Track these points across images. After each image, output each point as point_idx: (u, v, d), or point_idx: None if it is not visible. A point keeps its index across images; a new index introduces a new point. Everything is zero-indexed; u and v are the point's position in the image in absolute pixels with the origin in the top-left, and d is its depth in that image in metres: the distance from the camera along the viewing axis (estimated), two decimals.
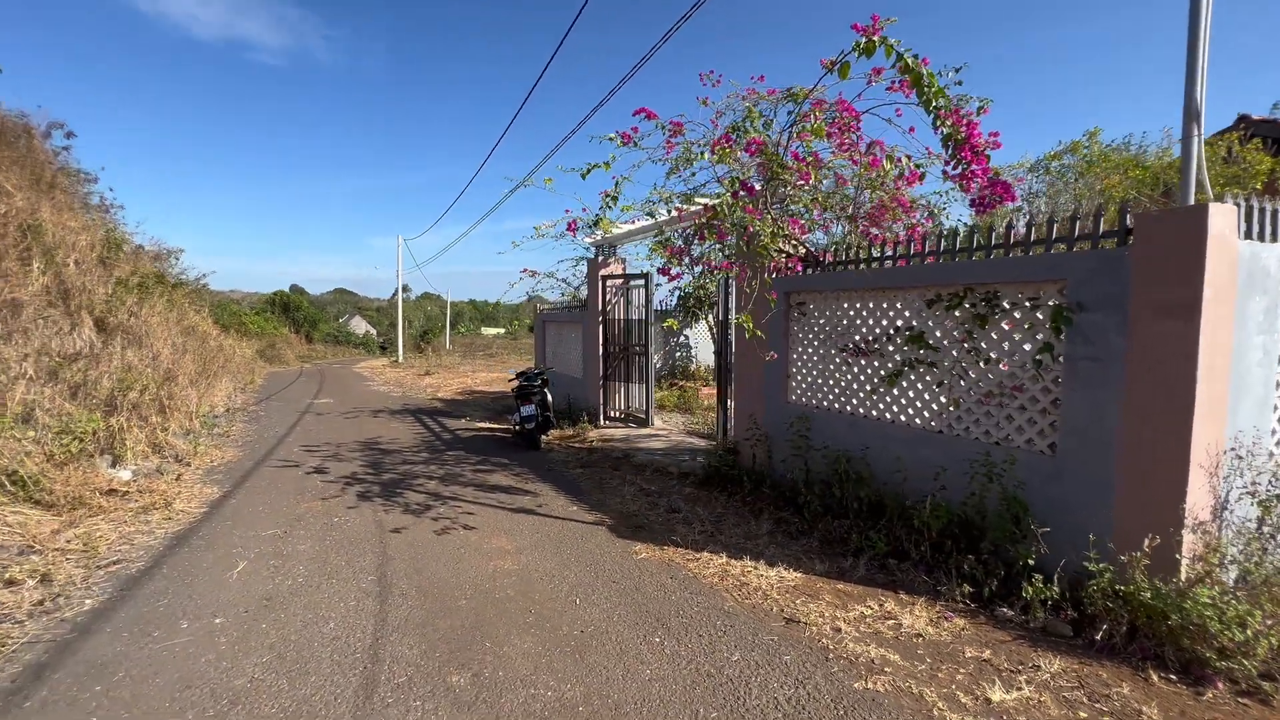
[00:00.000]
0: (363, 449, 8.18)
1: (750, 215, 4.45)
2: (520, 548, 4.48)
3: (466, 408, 12.61)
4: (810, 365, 5.45)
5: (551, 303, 12.03)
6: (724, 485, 5.86)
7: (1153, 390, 3.14)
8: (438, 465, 7.17)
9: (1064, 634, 3.19)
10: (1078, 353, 3.45)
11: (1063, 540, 3.40)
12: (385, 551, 4.36)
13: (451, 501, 5.64)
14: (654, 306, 9.08)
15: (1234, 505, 3.16)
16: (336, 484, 6.27)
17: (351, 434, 9.39)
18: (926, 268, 4.37)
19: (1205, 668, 2.77)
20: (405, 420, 10.95)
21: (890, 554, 4.09)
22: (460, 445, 8.52)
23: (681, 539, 4.60)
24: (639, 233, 8.71)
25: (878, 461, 4.63)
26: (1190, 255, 2.98)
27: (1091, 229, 3.48)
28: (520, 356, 31.51)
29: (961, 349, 4.14)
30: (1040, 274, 3.64)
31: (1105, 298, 3.32)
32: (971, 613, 3.43)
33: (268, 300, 48.70)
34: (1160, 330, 3.10)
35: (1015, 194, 3.64)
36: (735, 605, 3.56)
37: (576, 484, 6.33)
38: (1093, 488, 3.39)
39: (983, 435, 4.03)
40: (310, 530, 4.82)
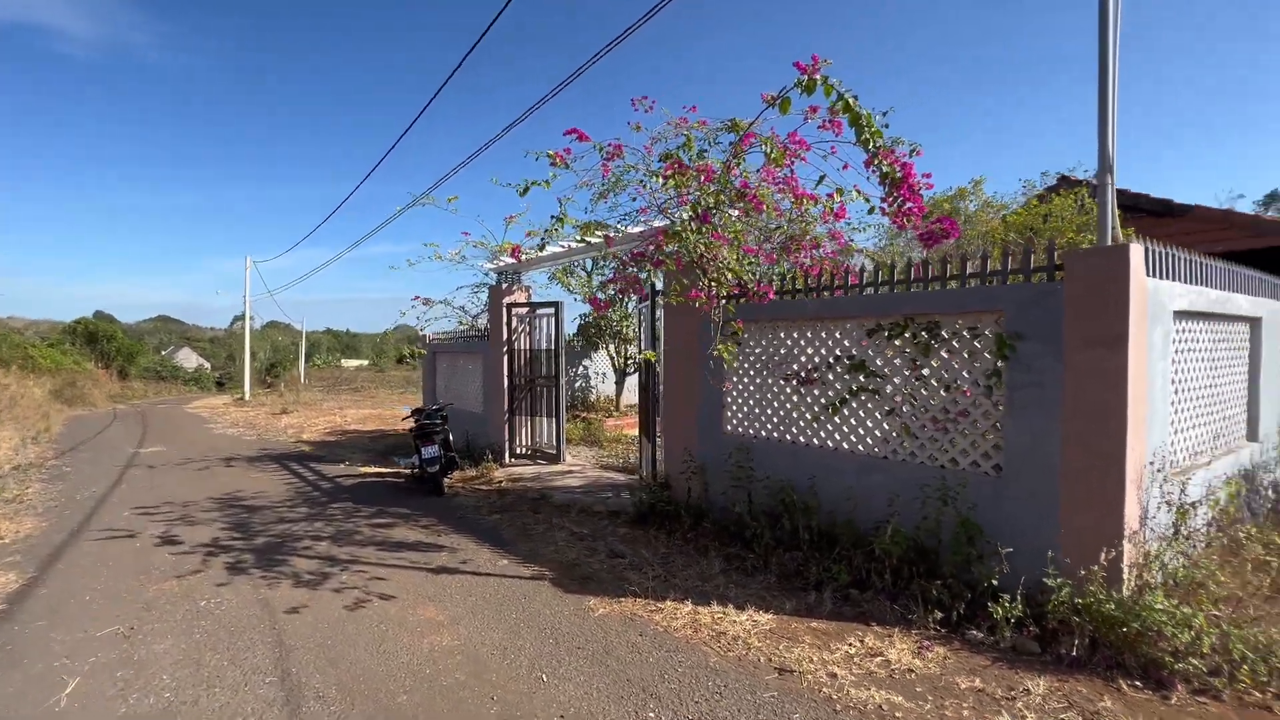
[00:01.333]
0: (220, 507, 6.81)
1: (718, 242, 4.33)
2: (455, 617, 3.84)
3: (343, 450, 11.17)
4: (747, 394, 5.42)
5: (445, 333, 11.14)
6: (661, 523, 5.59)
7: (1088, 413, 3.41)
8: (324, 522, 6.13)
9: (1033, 651, 3.30)
10: (1018, 379, 3.69)
11: (1015, 558, 3.55)
12: (282, 640, 3.51)
13: (354, 566, 4.78)
14: (564, 336, 8.70)
15: (1154, 514, 3.50)
16: (194, 555, 5.08)
17: (200, 489, 7.82)
18: (867, 298, 4.52)
19: (1163, 670, 2.97)
20: (269, 469, 9.40)
21: (851, 584, 4.06)
22: (346, 495, 7.42)
23: (637, 588, 4.23)
24: (548, 259, 8.34)
25: (825, 490, 4.64)
26: (1117, 290, 3.30)
27: (1023, 264, 3.78)
28: (392, 390, 29.10)
29: (904, 376, 4.29)
30: (979, 305, 3.88)
31: (1041, 328, 3.58)
32: (945, 638, 3.45)
33: (66, 330, 40.70)
34: (1093, 358, 3.38)
35: (959, 230, 3.88)
36: (720, 660, 3.27)
37: (497, 532, 5.70)
38: (1038, 506, 3.60)
39: (928, 460, 4.18)
40: (169, 621, 3.77)
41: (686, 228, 4.32)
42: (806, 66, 4.33)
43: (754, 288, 4.77)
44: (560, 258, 8.08)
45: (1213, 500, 3.86)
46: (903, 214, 4.27)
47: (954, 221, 3.81)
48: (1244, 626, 3.06)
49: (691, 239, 4.31)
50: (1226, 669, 2.91)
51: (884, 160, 4.26)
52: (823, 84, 4.32)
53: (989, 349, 3.85)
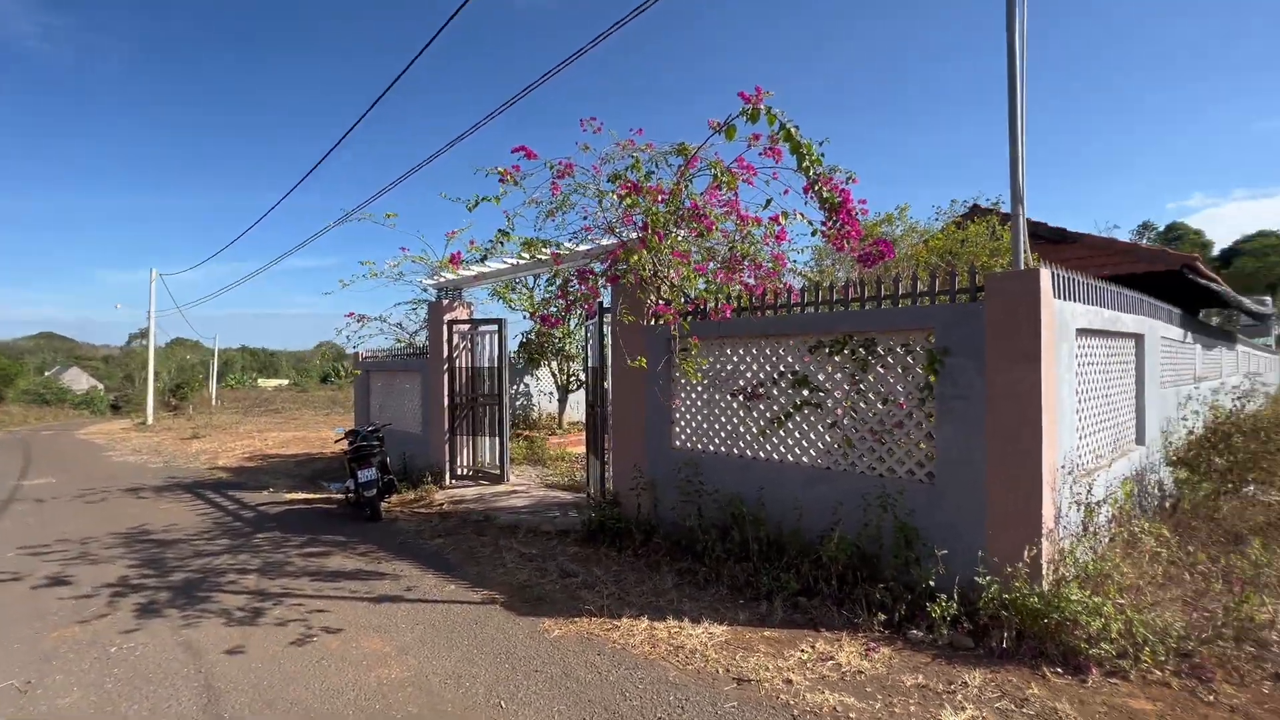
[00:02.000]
0: (126, 543, 6.22)
1: (676, 259, 4.44)
2: (404, 647, 3.68)
3: (265, 476, 10.46)
4: (695, 410, 5.54)
5: (381, 350, 10.72)
6: (612, 540, 5.58)
7: (1008, 423, 3.72)
8: (250, 554, 5.72)
9: (967, 646, 3.53)
10: (947, 392, 3.98)
11: (950, 559, 3.80)
12: (211, 684, 3.24)
13: (287, 600, 4.49)
14: (507, 353, 8.58)
15: (1066, 513, 3.84)
16: (98, 597, 4.61)
17: (101, 524, 7.11)
18: (809, 317, 4.75)
19: (1079, 656, 3.25)
20: (181, 498, 8.67)
21: (800, 592, 4.20)
22: (273, 524, 6.96)
23: (592, 607, 4.20)
24: (492, 275, 8.24)
25: (773, 501, 4.79)
26: (1031, 309, 3.64)
27: (949, 285, 4.10)
28: (317, 412, 27.56)
29: (845, 391, 4.52)
30: (911, 323, 4.17)
31: (966, 344, 3.89)
32: (889, 639, 3.63)
33: None
34: (1011, 371, 3.71)
35: (894, 252, 4.16)
36: (679, 674, 3.31)
37: (442, 557, 5.51)
38: (968, 510, 3.87)
39: (868, 469, 4.41)
40: (73, 672, 3.40)
41: (640, 246, 4.41)
42: (751, 96, 4.56)
43: (712, 305, 4.91)
44: (505, 274, 8.00)
45: (1113, 499, 4.28)
46: (842, 237, 4.55)
47: (890, 244, 4.10)
48: (1144, 612, 3.41)
49: (646, 257, 4.40)
50: (1131, 651, 3.22)
51: (824, 186, 4.53)
52: (766, 114, 4.56)
53: (920, 364, 4.13)
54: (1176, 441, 6.22)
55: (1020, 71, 3.84)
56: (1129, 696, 2.96)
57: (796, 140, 4.56)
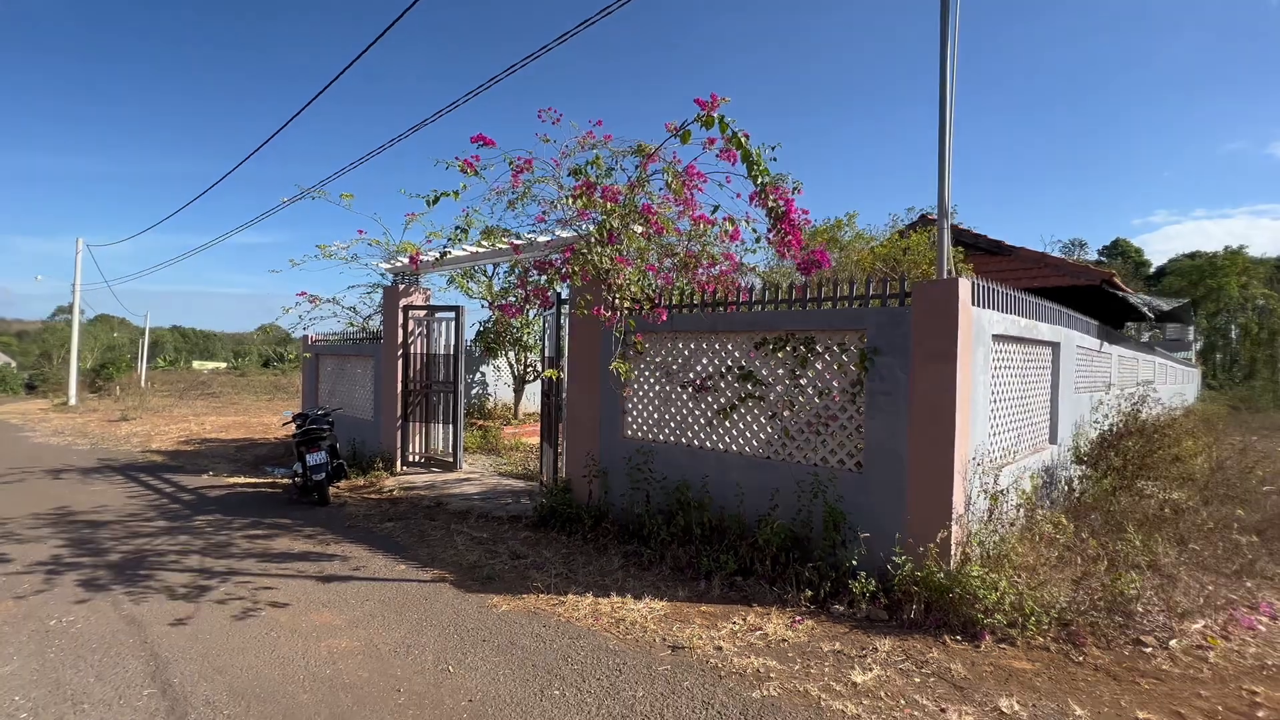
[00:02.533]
0: (52, 524, 6.01)
1: (620, 265, 4.63)
2: (354, 620, 3.78)
3: (204, 460, 10.15)
4: (647, 401, 5.77)
5: (332, 334, 10.53)
6: (563, 525, 5.76)
7: (927, 416, 4.10)
8: (191, 535, 5.64)
9: (882, 619, 3.88)
10: (876, 388, 4.33)
11: (873, 541, 4.16)
12: (157, 654, 3.27)
13: (234, 578, 4.49)
14: (464, 341, 8.61)
15: (975, 500, 4.26)
16: (31, 574, 4.50)
17: (21, 505, 6.82)
18: (755, 315, 5.04)
19: (976, 626, 3.64)
20: (110, 480, 8.35)
21: (737, 572, 4.49)
22: (213, 507, 6.83)
23: (540, 585, 4.38)
24: (450, 263, 8.25)
25: (717, 488, 5.08)
26: (949, 315, 4.02)
27: (882, 290, 4.45)
28: (257, 397, 26.54)
29: (786, 385, 4.84)
30: (847, 324, 4.51)
31: (895, 344, 4.25)
32: (814, 614, 3.96)
33: None
34: (931, 370, 4.08)
35: (830, 261, 4.48)
36: (619, 643, 3.53)
37: (392, 540, 5.58)
38: (891, 496, 4.24)
39: (804, 459, 4.74)
40: (12, 644, 3.36)
41: (592, 247, 4.59)
42: (706, 103, 4.80)
43: (648, 307, 5.12)
44: (463, 261, 8.03)
45: (1020, 490, 4.74)
46: (784, 244, 4.85)
47: (826, 254, 4.42)
48: (1035, 589, 3.83)
49: (596, 257, 4.58)
50: (1020, 621, 3.63)
51: (770, 195, 4.82)
52: (719, 122, 4.82)
53: (854, 362, 4.48)
54: (1085, 442, 6.84)
55: (950, 90, 4.21)
56: (1013, 659, 3.35)
57: (747, 150, 4.84)
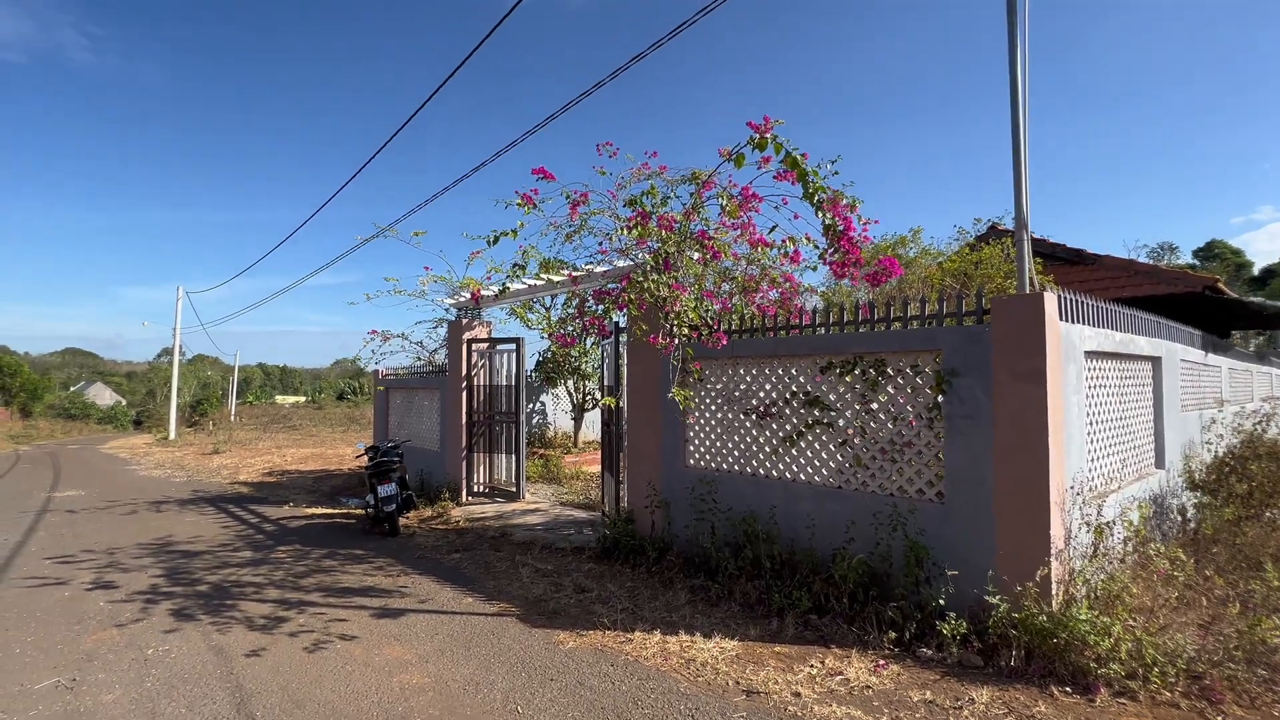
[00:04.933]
0: (154, 553, 6.42)
1: (676, 291, 4.59)
2: (423, 655, 3.79)
3: (284, 491, 10.69)
4: (709, 429, 5.64)
5: (401, 368, 10.97)
6: (626, 557, 5.66)
7: (1015, 442, 3.79)
8: (271, 566, 5.89)
9: (977, 664, 3.56)
10: (955, 411, 4.06)
11: (961, 579, 3.84)
12: (242, 685, 3.38)
13: (310, 609, 4.63)
14: (525, 372, 8.76)
15: (1076, 534, 3.88)
16: (132, 603, 4.79)
17: (129, 535, 7.34)
18: (819, 338, 4.86)
19: (1088, 676, 3.27)
20: (204, 512, 8.90)
21: (811, 610, 4.25)
22: (293, 538, 7.13)
23: (605, 621, 4.29)
24: (510, 296, 8.46)
25: (786, 520, 4.86)
26: (1037, 332, 3.73)
27: (956, 308, 4.20)
28: (333, 429, 27.94)
29: (855, 410, 4.61)
30: (920, 345, 4.27)
31: (974, 365, 3.98)
32: (898, 657, 3.67)
33: None
34: (1017, 392, 3.79)
35: (901, 269, 4.28)
36: (690, 686, 3.38)
37: (460, 571, 5.63)
38: (977, 529, 3.92)
39: (879, 488, 4.47)
40: (115, 671, 3.56)
41: (648, 275, 4.57)
42: (759, 126, 4.75)
43: (706, 333, 5.03)
44: (522, 294, 8.22)
45: (1127, 521, 4.30)
46: (844, 264, 4.69)
47: (895, 261, 4.22)
48: (1155, 634, 3.42)
49: (653, 285, 4.56)
50: (1141, 672, 3.23)
51: (827, 213, 4.68)
52: (773, 143, 4.74)
53: (929, 385, 4.22)
54: (1199, 466, 6.18)
55: (1023, 95, 3.98)
56: (1136, 716, 2.97)
57: (803, 169, 4.72)
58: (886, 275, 4.21)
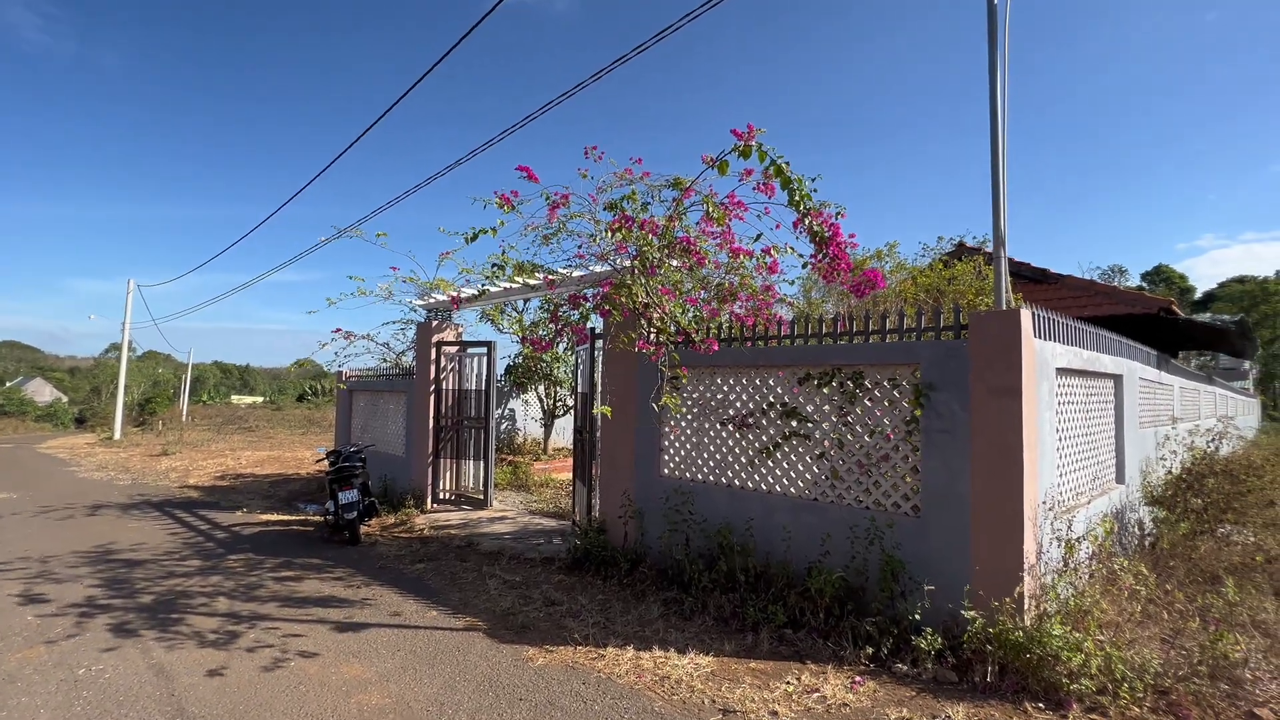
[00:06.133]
0: (92, 562, 6.01)
1: (663, 295, 4.51)
2: (384, 674, 3.59)
3: (238, 496, 10.20)
4: (685, 438, 5.56)
5: (365, 370, 10.62)
6: (598, 568, 5.53)
7: (992, 457, 3.81)
8: (223, 576, 5.56)
9: (951, 680, 3.54)
10: (933, 425, 4.07)
11: (937, 593, 3.84)
12: (184, 709, 3.13)
13: (263, 624, 4.37)
14: (495, 377, 8.56)
15: (1048, 549, 3.91)
16: (64, 617, 4.44)
17: (63, 541, 6.87)
18: (799, 349, 4.84)
19: (1060, 692, 3.28)
20: (150, 517, 8.41)
21: (787, 624, 4.19)
22: (246, 545, 6.77)
23: (577, 635, 4.15)
24: (486, 299, 8.26)
25: (762, 532, 4.81)
26: (1013, 347, 3.77)
27: (934, 323, 4.23)
28: (292, 431, 26.98)
29: (833, 422, 4.60)
30: (898, 358, 4.28)
31: (951, 379, 4.00)
32: (874, 673, 3.63)
33: None
34: (994, 407, 3.81)
35: (885, 281, 4.29)
36: (665, 705, 3.27)
37: (423, 583, 5.41)
38: (953, 543, 3.93)
39: (855, 501, 4.46)
40: (39, 695, 3.27)
41: (635, 279, 4.48)
42: (743, 133, 4.72)
43: (698, 338, 4.97)
44: (497, 297, 8.03)
45: (1093, 536, 4.37)
46: (833, 270, 4.68)
47: (879, 274, 4.23)
48: (1123, 649, 3.46)
49: (637, 289, 4.47)
50: (1110, 688, 3.25)
51: (814, 220, 4.66)
52: (757, 150, 4.72)
53: (907, 398, 4.23)
54: (1155, 481, 6.37)
55: (1001, 117, 4.04)
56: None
57: (787, 176, 4.71)
58: (871, 286, 4.22)
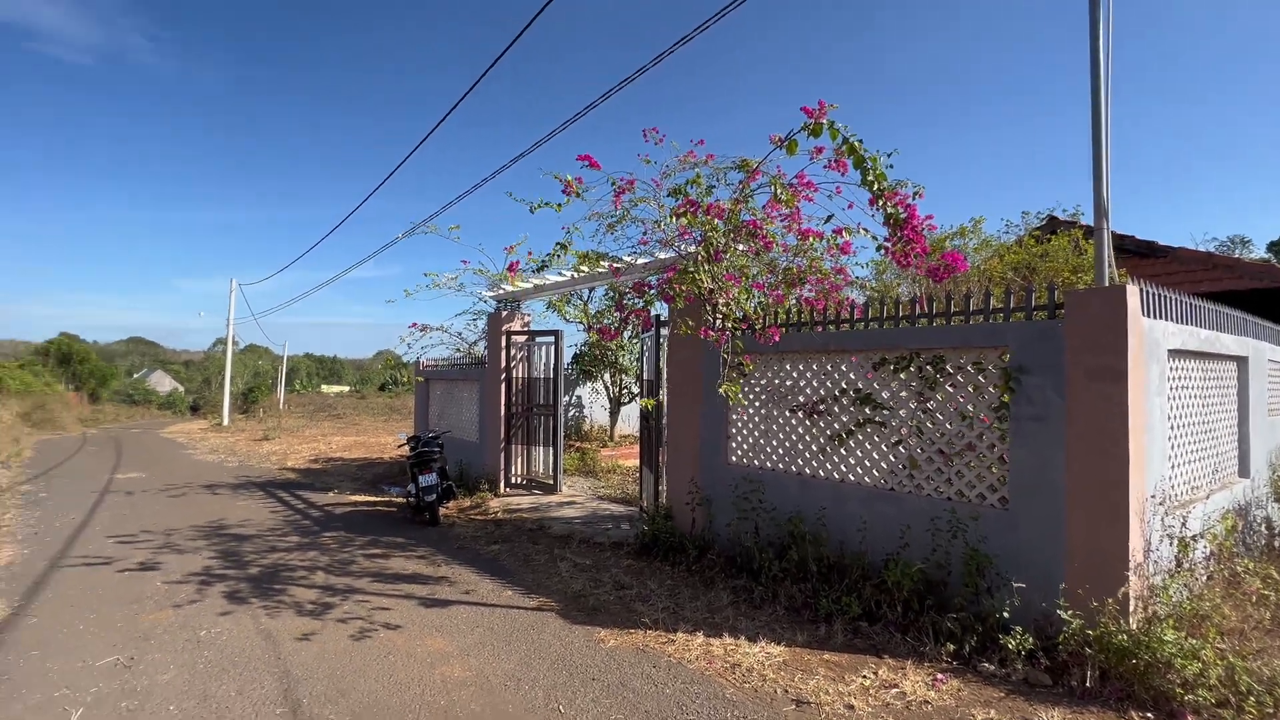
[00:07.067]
0: (206, 536, 6.63)
1: (728, 282, 4.44)
2: (464, 648, 3.77)
3: (330, 478, 10.96)
4: (752, 426, 5.48)
5: (441, 360, 11.10)
6: (666, 554, 5.56)
7: (1092, 446, 3.52)
8: (318, 551, 6.00)
9: (1045, 683, 3.32)
10: (1023, 412, 3.80)
11: (1027, 591, 3.60)
12: (289, 671, 3.41)
13: (354, 596, 4.68)
14: (563, 365, 8.73)
15: (1157, 547, 3.58)
16: (186, 584, 4.93)
17: (184, 517, 7.61)
18: (872, 333, 4.64)
19: (1173, 701, 3.01)
20: (254, 496, 9.18)
21: (861, 616, 4.06)
22: (338, 524, 7.27)
23: (647, 620, 4.19)
24: (551, 287, 8.43)
25: (834, 521, 4.68)
26: (1116, 328, 3.45)
27: (1025, 302, 3.93)
28: (375, 417, 28.66)
29: (910, 409, 4.39)
30: (983, 340, 4.02)
31: (1044, 362, 3.72)
32: (958, 671, 3.46)
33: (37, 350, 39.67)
34: (1095, 392, 3.51)
35: (966, 264, 4.02)
36: (736, 692, 3.25)
37: (498, 563, 5.62)
38: (1046, 538, 3.67)
39: (935, 491, 4.25)
40: (169, 651, 3.65)
41: (699, 265, 4.42)
42: (813, 111, 4.53)
43: (760, 326, 4.86)
44: (563, 285, 8.17)
45: (1211, 534, 3.96)
46: (907, 253, 4.43)
47: (960, 256, 3.97)
48: (1248, 659, 3.13)
49: (701, 276, 4.41)
50: (1234, 700, 2.95)
51: (888, 201, 4.43)
52: (828, 128, 4.52)
53: (994, 383, 3.97)
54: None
55: (1105, 73, 3.68)
56: None
57: (860, 154, 4.49)
58: (950, 270, 3.97)
